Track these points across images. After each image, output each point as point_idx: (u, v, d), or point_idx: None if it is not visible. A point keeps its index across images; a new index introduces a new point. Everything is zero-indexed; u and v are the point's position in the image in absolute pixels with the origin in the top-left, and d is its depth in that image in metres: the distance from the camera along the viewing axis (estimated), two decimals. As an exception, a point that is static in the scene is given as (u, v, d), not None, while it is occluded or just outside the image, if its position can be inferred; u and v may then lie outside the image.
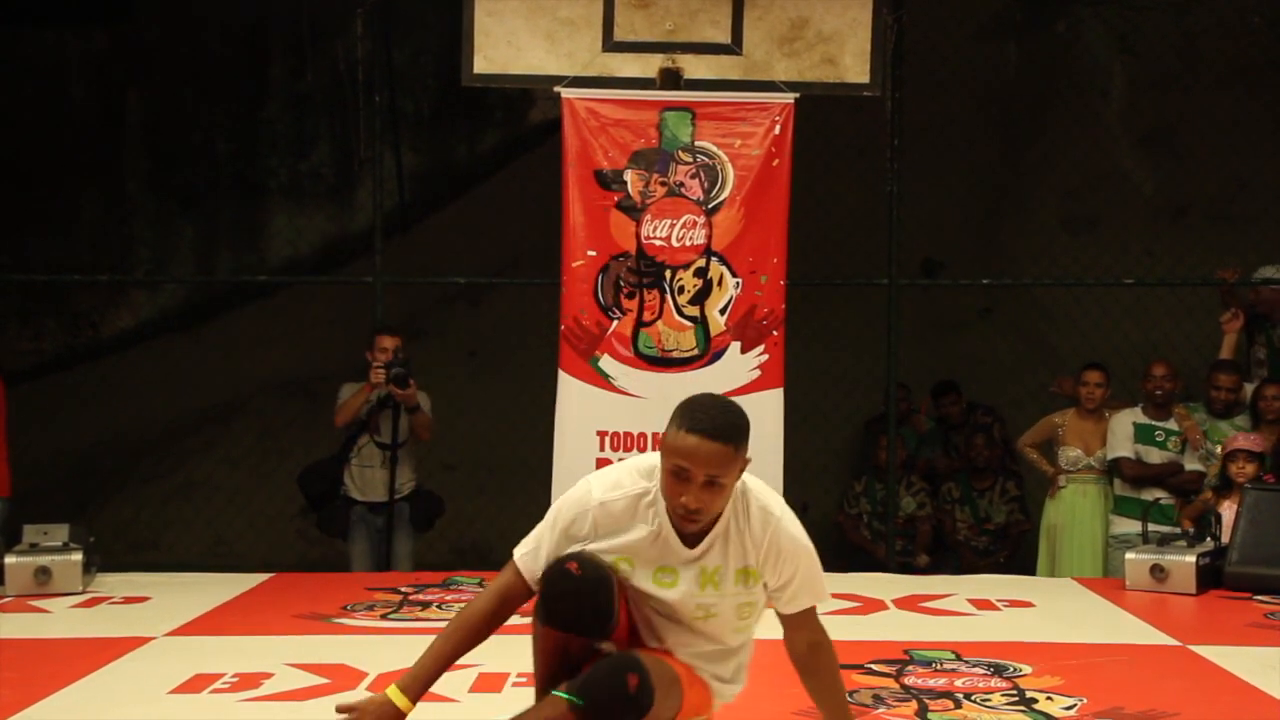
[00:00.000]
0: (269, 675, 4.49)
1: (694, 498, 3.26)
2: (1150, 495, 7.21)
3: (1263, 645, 4.85)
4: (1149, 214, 9.96)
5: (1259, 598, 5.89)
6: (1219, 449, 7.16)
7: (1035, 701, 4.15)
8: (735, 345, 7.11)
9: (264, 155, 10.32)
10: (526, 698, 4.20)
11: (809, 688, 3.53)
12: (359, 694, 4.24)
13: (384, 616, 5.49)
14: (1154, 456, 7.37)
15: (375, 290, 7.89)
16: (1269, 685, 4.39)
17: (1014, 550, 8.60)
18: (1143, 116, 10.07)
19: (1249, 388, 7.52)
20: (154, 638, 5.14)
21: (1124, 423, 7.41)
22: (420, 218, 10.10)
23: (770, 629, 3.53)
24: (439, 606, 5.68)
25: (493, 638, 5.03)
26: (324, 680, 4.42)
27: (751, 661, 3.83)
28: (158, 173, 10.31)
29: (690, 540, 3.38)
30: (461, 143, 10.16)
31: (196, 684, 4.42)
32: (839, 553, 8.77)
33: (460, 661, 4.55)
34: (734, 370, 7.11)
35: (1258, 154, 9.76)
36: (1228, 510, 6.64)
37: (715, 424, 3.27)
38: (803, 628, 3.49)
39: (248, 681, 4.41)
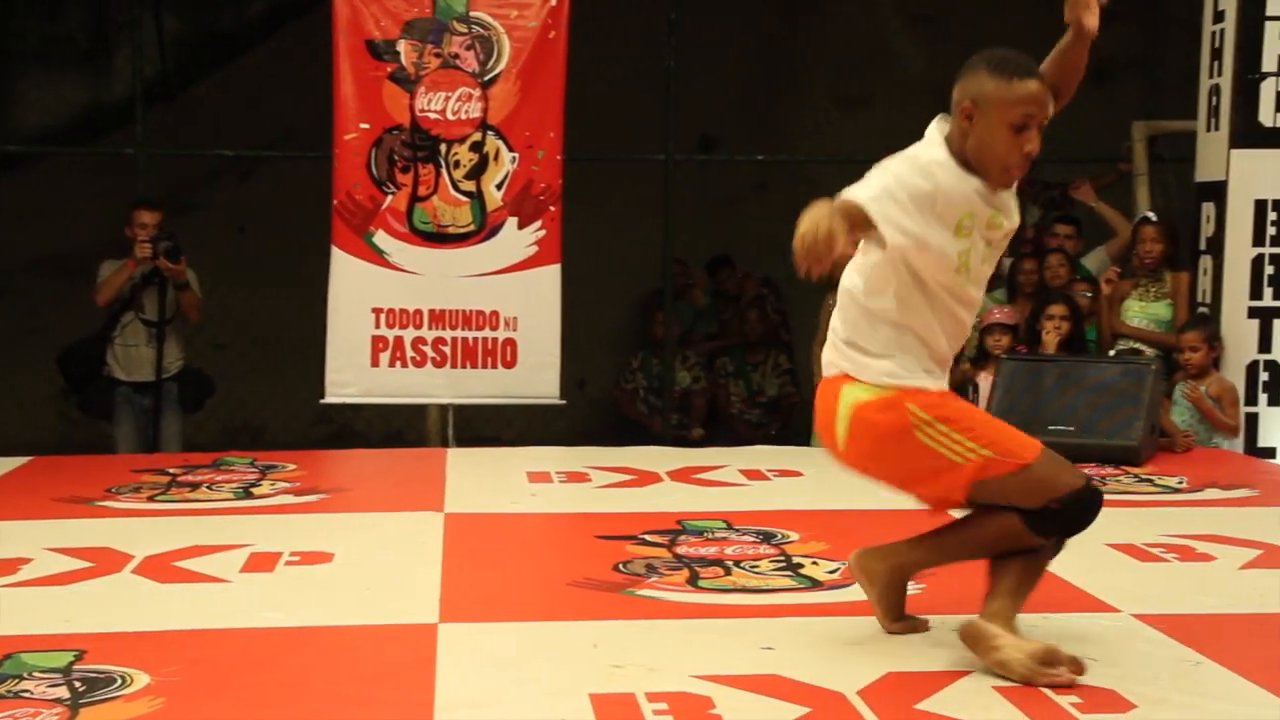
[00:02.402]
0: (27, 560, 4.33)
1: (1037, 143, 3.22)
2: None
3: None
4: (919, 93, 10.16)
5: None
6: (979, 321, 7.44)
7: (801, 566, 4.29)
8: (512, 221, 7.07)
9: (8, 16, 9.71)
10: (301, 576, 4.18)
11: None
12: (124, 577, 4.14)
13: (151, 499, 5.35)
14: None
15: (137, 162, 7.58)
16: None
17: (786, 421, 8.82)
18: (913, -3, 10.25)
19: (1006, 262, 7.80)
20: (-97, 525, 4.91)
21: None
22: (184, 86, 9.69)
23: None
24: (209, 487, 5.55)
25: (263, 518, 5.01)
26: (86, 564, 4.29)
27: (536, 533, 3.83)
28: (-107, 35, 9.65)
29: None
30: (227, 7, 9.75)
31: (-51, 572, 4.25)
32: (615, 427, 8.89)
33: (231, 541, 4.54)
34: (511, 246, 7.09)
35: (1019, 35, 10.02)
36: (985, 381, 6.91)
37: (1034, 67, 3.28)
38: None
39: (4, 567, 4.25)
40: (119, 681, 3.19)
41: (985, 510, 3.34)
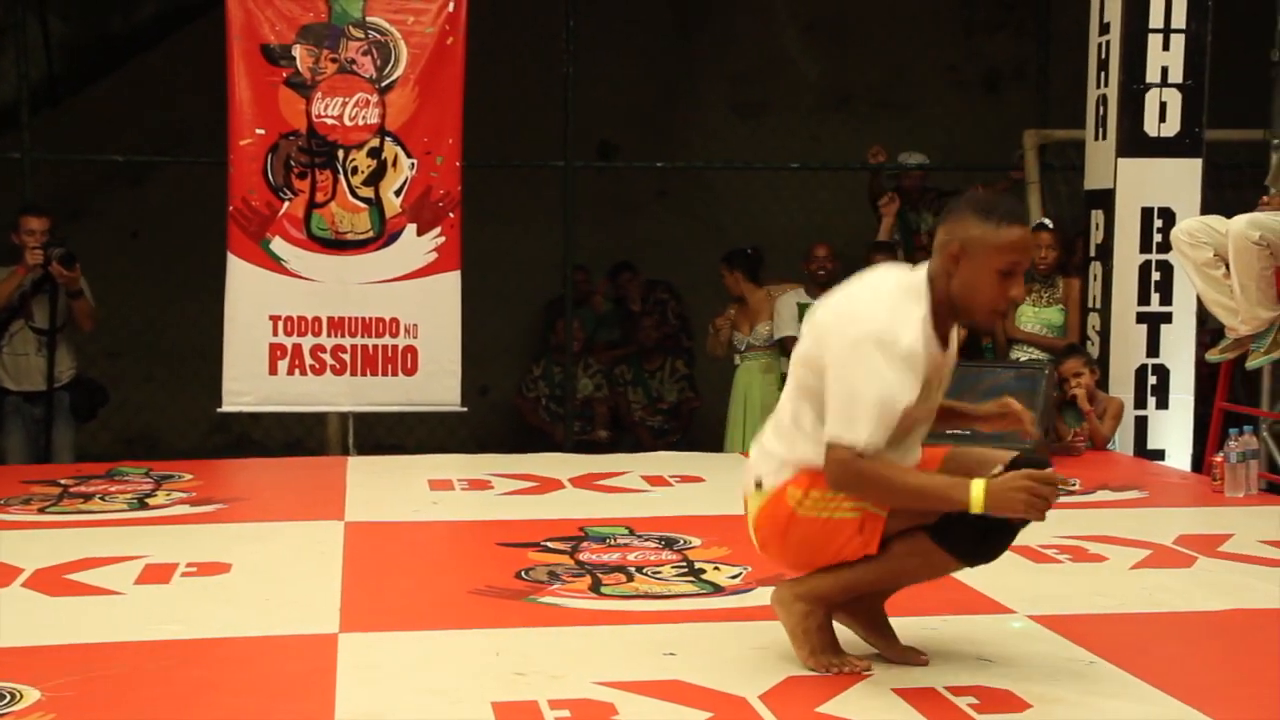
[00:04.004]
0: (-87, 576, 4.23)
1: (1021, 289, 3.19)
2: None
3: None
4: (814, 100, 10.28)
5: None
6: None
7: (704, 572, 4.31)
8: (411, 227, 7.04)
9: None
10: (198, 587, 4.12)
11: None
12: (13, 590, 4.05)
13: (41, 510, 5.24)
14: (817, 335, 7.64)
15: (23, 168, 7.43)
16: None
17: (687, 427, 8.86)
18: (808, 4, 10.34)
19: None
20: None
21: (788, 303, 7.68)
22: (73, 91, 9.50)
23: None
24: (102, 498, 5.46)
25: (159, 528, 4.93)
26: (-25, 579, 4.19)
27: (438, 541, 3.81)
28: None
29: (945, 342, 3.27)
30: (116, 11, 9.57)
31: None
32: (518, 434, 8.87)
33: (125, 552, 4.46)
34: (410, 253, 7.05)
35: (915, 44, 10.19)
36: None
37: (1021, 212, 3.22)
38: None
39: (-112, 583, 4.14)
40: (8, 698, 3.12)
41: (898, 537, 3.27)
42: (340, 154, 6.95)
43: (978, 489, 3.04)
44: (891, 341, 3.12)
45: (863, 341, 3.13)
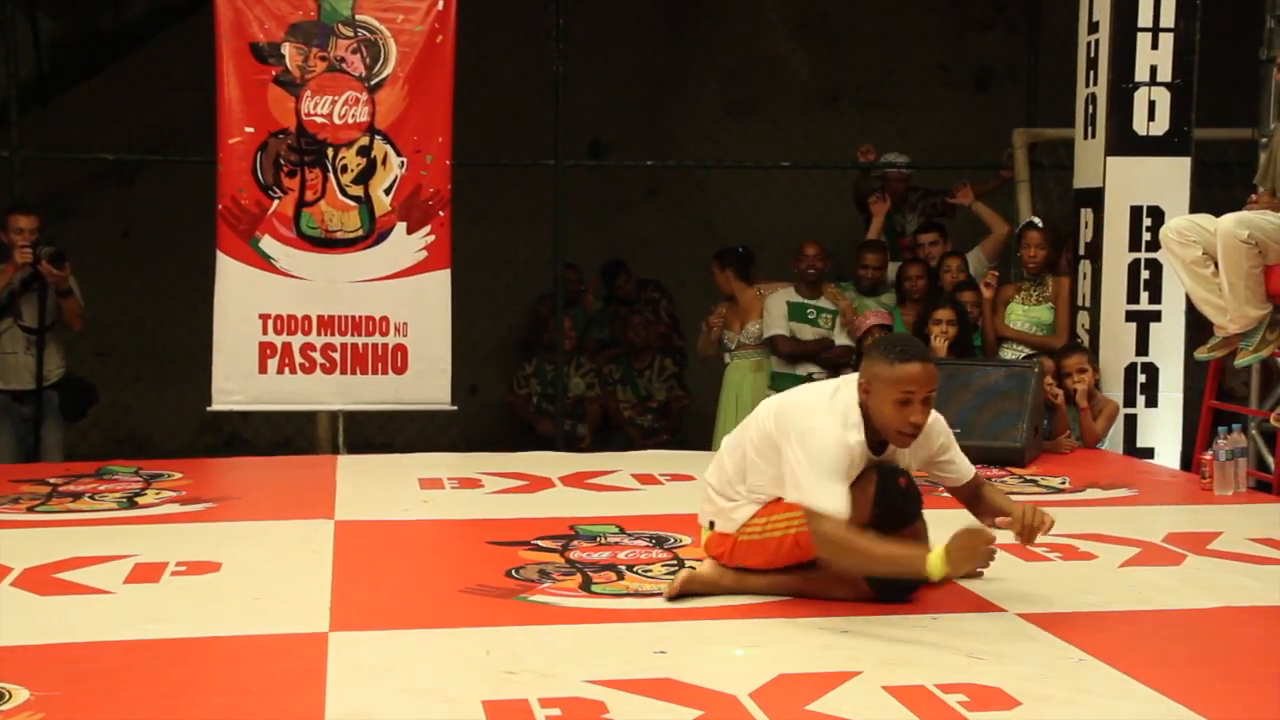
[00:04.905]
0: (-98, 575, 4.22)
1: (921, 415, 3.75)
2: (804, 370, 7.52)
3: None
4: (805, 100, 10.29)
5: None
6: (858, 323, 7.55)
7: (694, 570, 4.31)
8: (401, 226, 7.03)
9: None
10: (187, 586, 4.11)
11: (982, 503, 4.06)
12: (2, 589, 4.04)
13: (30, 509, 5.23)
14: (807, 333, 7.68)
15: (12, 166, 7.41)
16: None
17: (677, 426, 8.86)
18: (798, 4, 10.34)
19: (894, 268, 7.92)
20: None
21: (778, 301, 7.68)
22: (62, 89, 9.47)
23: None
24: (91, 497, 5.44)
25: (148, 528, 4.93)
26: (-36, 578, 4.18)
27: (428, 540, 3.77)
28: None
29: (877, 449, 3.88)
30: (106, 9, 9.55)
31: None
32: (508, 433, 8.87)
33: (114, 552, 4.45)
34: (400, 251, 7.04)
35: (906, 43, 10.20)
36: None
37: (920, 350, 3.84)
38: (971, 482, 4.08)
39: (-122, 583, 4.13)
40: (-2, 698, 3.11)
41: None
42: (330, 152, 6.94)
43: (936, 561, 3.59)
44: (836, 440, 3.76)
45: (808, 434, 3.78)
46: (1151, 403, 7.09)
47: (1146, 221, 7.03)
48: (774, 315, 7.68)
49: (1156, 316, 7.09)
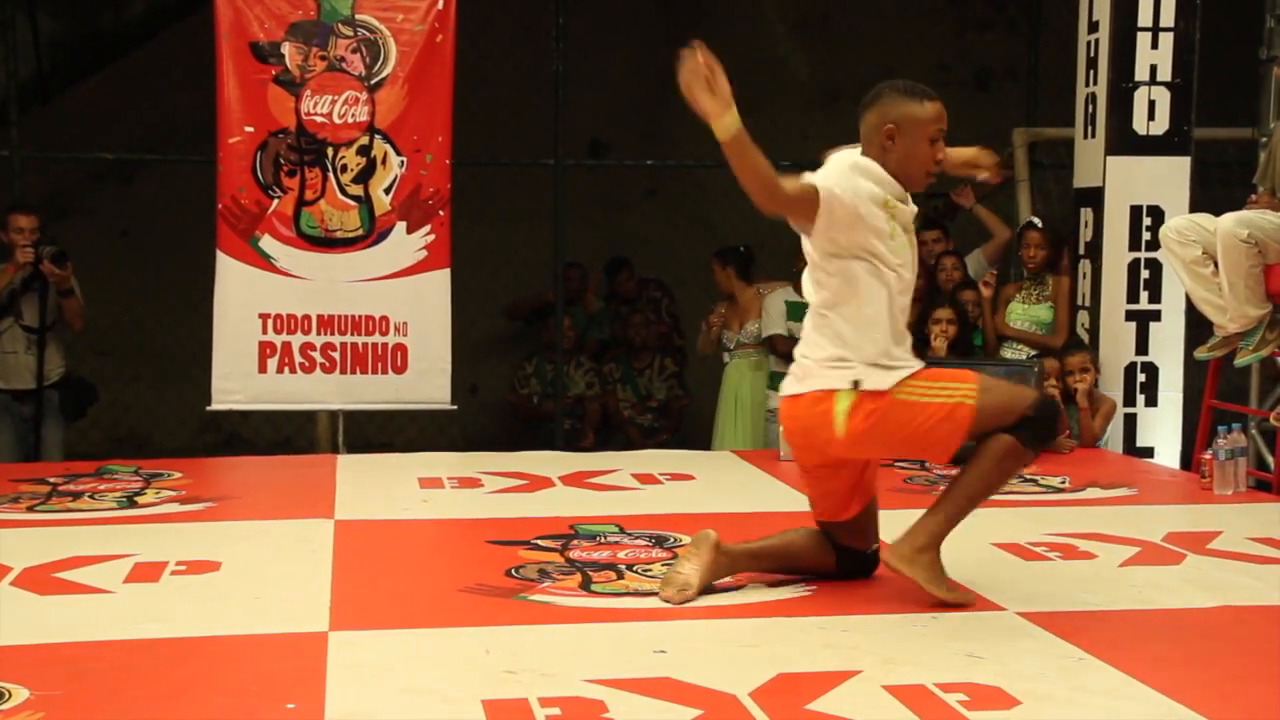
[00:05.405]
0: (-98, 575, 4.22)
1: (943, 151, 3.91)
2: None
3: (900, 508, 5.16)
4: (805, 100, 10.29)
5: (898, 464, 6.26)
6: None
7: (693, 569, 4.30)
8: (401, 225, 7.03)
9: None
10: (187, 586, 4.11)
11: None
12: (2, 589, 4.04)
13: (30, 509, 5.23)
14: (805, 333, 7.65)
15: (12, 165, 7.42)
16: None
17: (677, 426, 8.86)
18: (798, 4, 10.35)
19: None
20: None
21: (776, 301, 7.68)
22: (62, 88, 9.48)
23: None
24: (91, 497, 5.44)
25: (148, 527, 4.92)
26: (-36, 578, 4.18)
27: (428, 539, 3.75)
28: None
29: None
30: (106, 9, 9.56)
31: None
32: (508, 432, 8.87)
33: (114, 551, 4.45)
34: (400, 250, 7.04)
35: (906, 42, 10.20)
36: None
37: (932, 90, 3.95)
38: None
39: (-123, 582, 4.13)
40: (-2, 697, 3.11)
41: (982, 445, 3.80)
42: (329, 152, 6.94)
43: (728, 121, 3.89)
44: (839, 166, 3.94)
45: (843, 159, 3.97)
46: (1151, 402, 7.10)
47: (1146, 221, 7.04)
48: (773, 315, 7.68)
49: (1156, 316, 7.09)
